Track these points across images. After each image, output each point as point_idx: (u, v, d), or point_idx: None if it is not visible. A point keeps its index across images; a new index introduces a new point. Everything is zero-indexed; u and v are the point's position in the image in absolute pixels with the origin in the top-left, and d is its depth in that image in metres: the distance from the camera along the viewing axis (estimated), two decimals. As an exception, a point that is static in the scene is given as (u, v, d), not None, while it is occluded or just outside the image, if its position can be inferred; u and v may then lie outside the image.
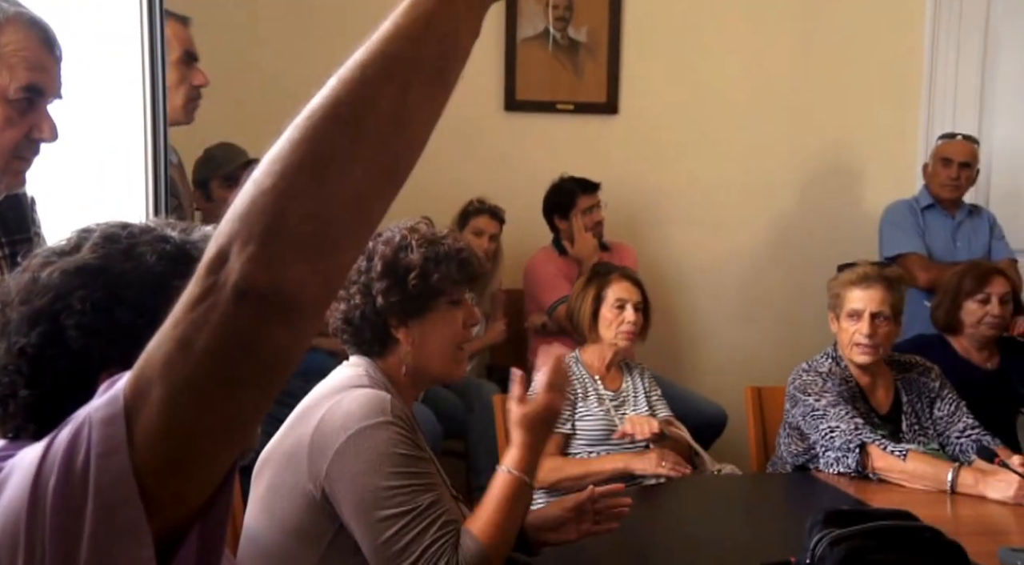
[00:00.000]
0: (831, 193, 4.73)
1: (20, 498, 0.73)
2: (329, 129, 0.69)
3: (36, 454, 0.75)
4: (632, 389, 2.98)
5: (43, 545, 0.72)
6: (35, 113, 1.60)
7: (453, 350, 1.76)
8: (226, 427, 0.74)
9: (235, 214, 0.69)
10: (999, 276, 3.28)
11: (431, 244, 1.70)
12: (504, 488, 1.65)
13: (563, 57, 4.50)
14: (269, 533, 1.63)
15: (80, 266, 0.91)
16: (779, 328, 4.57)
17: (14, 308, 0.91)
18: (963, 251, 4.08)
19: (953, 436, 2.78)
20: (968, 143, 4.13)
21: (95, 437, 0.72)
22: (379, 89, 0.70)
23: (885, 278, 2.82)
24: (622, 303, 2.94)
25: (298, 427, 1.63)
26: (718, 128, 4.62)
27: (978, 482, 2.44)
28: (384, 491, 1.54)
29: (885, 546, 1.40)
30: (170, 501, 0.74)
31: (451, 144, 4.08)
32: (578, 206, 4.15)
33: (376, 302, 1.67)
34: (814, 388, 2.74)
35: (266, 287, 0.68)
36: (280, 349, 0.71)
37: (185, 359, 0.70)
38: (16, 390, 0.89)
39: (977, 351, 3.27)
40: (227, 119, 3.66)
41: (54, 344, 0.89)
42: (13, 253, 1.70)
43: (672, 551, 2.19)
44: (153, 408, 0.71)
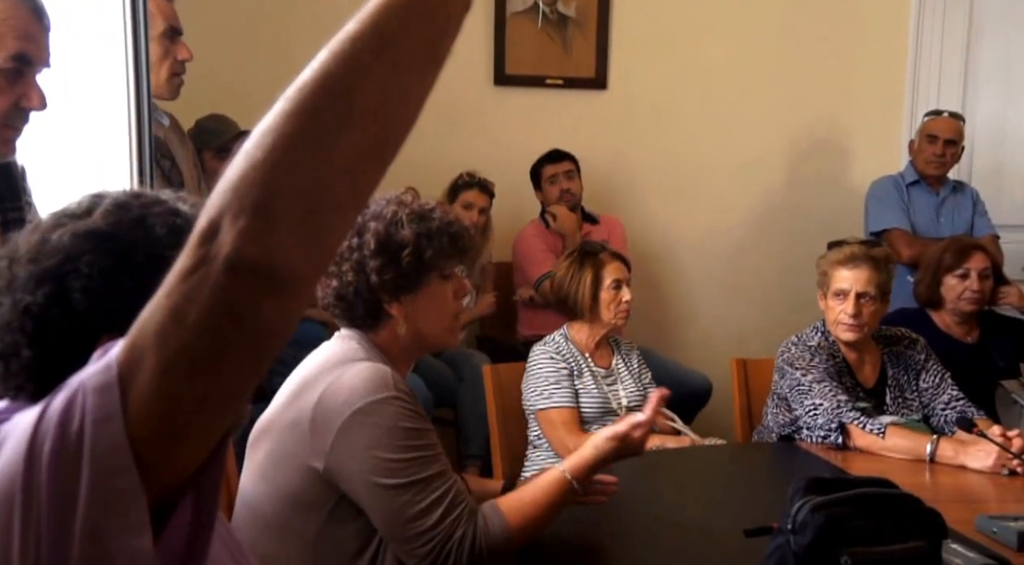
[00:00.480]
0: (817, 169, 4.75)
1: (16, 464, 0.74)
2: (320, 103, 0.68)
3: (31, 420, 0.75)
4: (623, 366, 3.00)
5: (39, 510, 0.73)
6: (24, 82, 1.59)
7: (448, 321, 1.77)
8: (218, 397, 0.74)
9: (226, 186, 0.69)
10: (978, 251, 3.30)
11: (422, 219, 1.70)
12: (555, 486, 1.68)
13: (552, 32, 4.48)
14: (267, 500, 1.63)
15: (91, 231, 0.90)
16: (764, 301, 4.59)
17: (22, 266, 0.90)
18: (946, 227, 4.10)
19: (938, 408, 2.81)
20: (954, 120, 4.13)
21: (90, 404, 0.72)
22: (370, 64, 0.69)
23: (872, 258, 2.82)
24: (618, 283, 2.96)
25: (299, 399, 1.62)
26: (705, 104, 4.62)
27: (958, 453, 2.47)
28: (394, 463, 1.54)
29: (864, 513, 1.42)
30: (164, 468, 0.74)
31: (441, 118, 4.06)
32: (544, 175, 4.17)
33: (370, 279, 1.67)
34: (801, 362, 2.77)
35: (257, 260, 0.68)
36: (271, 321, 0.71)
37: (177, 330, 0.70)
38: (19, 349, 0.89)
39: (958, 325, 3.30)
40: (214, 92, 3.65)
41: (59, 305, 0.88)
42: (5, 221, 1.69)
43: (657, 519, 2.20)
44: (146, 377, 0.71)
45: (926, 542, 1.45)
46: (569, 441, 2.65)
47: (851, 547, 1.39)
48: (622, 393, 2.92)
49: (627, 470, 2.23)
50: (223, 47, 3.97)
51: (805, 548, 1.39)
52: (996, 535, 1.92)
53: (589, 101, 4.55)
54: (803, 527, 1.40)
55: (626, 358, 3.04)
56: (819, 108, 4.70)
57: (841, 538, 1.39)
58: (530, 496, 1.65)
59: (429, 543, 1.52)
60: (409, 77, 0.71)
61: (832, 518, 1.40)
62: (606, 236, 4.25)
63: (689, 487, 2.43)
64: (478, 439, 3.66)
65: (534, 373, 2.88)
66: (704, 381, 3.85)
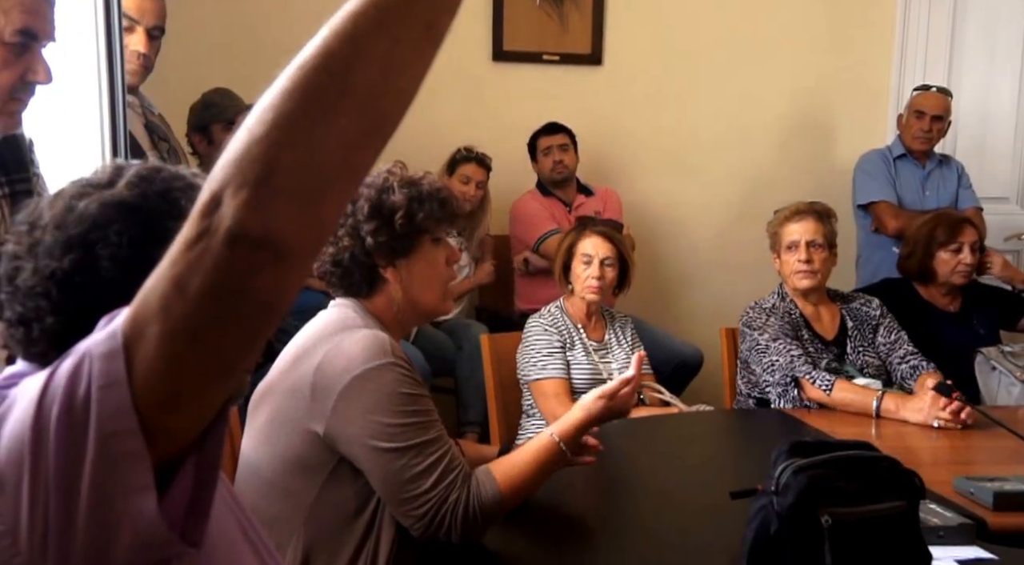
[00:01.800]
0: (805, 142, 4.74)
1: (24, 427, 0.74)
2: (320, 80, 0.68)
3: (38, 385, 0.75)
4: (615, 340, 2.99)
5: (47, 472, 0.73)
6: (30, 56, 1.58)
7: (441, 286, 1.77)
8: (219, 364, 0.74)
9: (228, 160, 0.69)
10: (969, 226, 3.30)
11: (412, 185, 1.70)
12: (544, 451, 1.68)
13: (549, 9, 4.45)
14: (269, 463, 1.64)
15: (119, 201, 0.90)
16: (753, 273, 4.57)
17: (47, 231, 0.90)
18: (932, 199, 4.09)
19: (895, 362, 2.89)
20: (942, 96, 4.11)
21: (96, 370, 0.73)
22: (370, 41, 0.69)
23: (815, 211, 2.96)
24: (589, 259, 2.92)
25: (298, 366, 1.62)
26: (697, 80, 4.60)
27: (899, 407, 2.58)
28: (391, 427, 1.54)
29: (845, 475, 1.43)
30: (167, 432, 0.75)
31: (440, 93, 4.05)
32: (539, 146, 4.17)
33: (365, 243, 1.67)
34: (758, 323, 2.86)
35: (258, 232, 0.68)
36: (271, 292, 0.71)
37: (180, 299, 0.70)
38: (42, 315, 0.89)
39: (943, 296, 3.30)
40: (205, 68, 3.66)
41: (85, 272, 0.88)
42: (13, 192, 1.68)
43: (644, 483, 2.22)
44: (150, 344, 0.72)
45: (905, 502, 1.46)
46: (559, 411, 2.63)
47: (832, 507, 1.40)
48: (614, 366, 2.91)
49: (614, 436, 2.25)
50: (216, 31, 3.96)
51: (788, 508, 1.41)
52: (973, 496, 1.94)
53: (585, 76, 4.53)
54: (786, 489, 1.42)
55: (619, 331, 3.02)
56: (807, 83, 4.68)
57: (822, 498, 1.40)
58: (521, 460, 1.66)
59: (424, 505, 1.54)
60: (408, 54, 0.71)
61: (814, 479, 1.41)
62: (601, 206, 4.25)
63: (675, 452, 2.45)
64: (476, 406, 3.68)
65: (528, 344, 2.89)
66: (695, 352, 3.86)
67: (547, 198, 4.21)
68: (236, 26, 4.13)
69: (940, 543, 1.66)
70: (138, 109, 2.56)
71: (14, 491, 0.74)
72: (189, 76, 3.55)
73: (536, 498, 1.86)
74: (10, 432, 0.75)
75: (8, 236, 0.95)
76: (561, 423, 1.74)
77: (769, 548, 1.44)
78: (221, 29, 4.11)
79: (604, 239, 2.97)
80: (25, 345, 0.91)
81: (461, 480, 1.57)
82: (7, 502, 0.74)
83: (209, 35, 4.01)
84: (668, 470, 2.35)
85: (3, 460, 0.75)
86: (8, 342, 0.93)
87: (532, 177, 4.29)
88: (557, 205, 4.21)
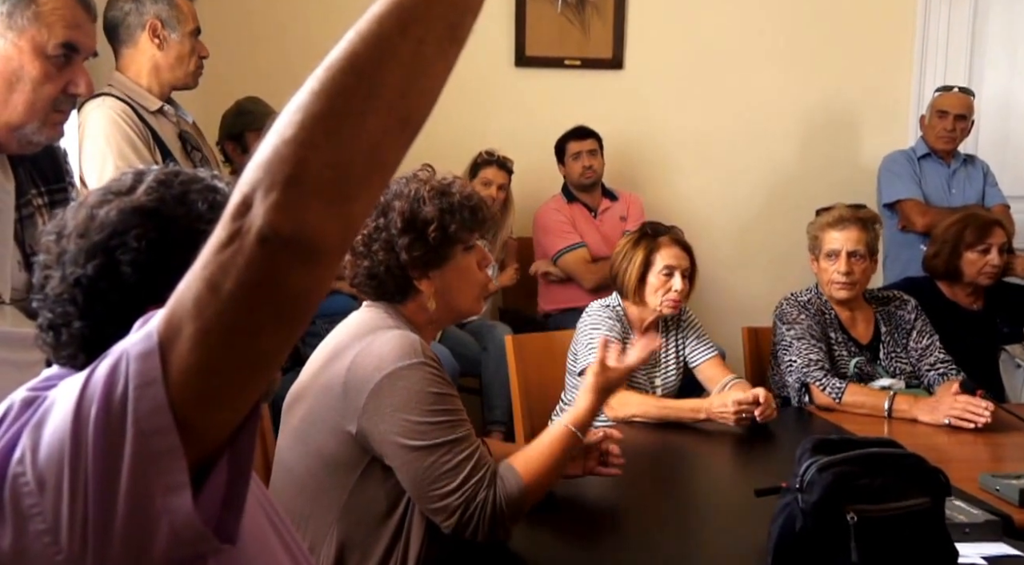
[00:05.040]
0: (826, 142, 4.70)
1: (64, 427, 0.75)
2: (347, 82, 0.69)
3: (77, 385, 0.76)
4: (664, 351, 2.81)
5: (86, 472, 0.74)
6: (71, 69, 1.62)
7: (476, 290, 1.77)
8: (253, 363, 0.75)
9: (258, 163, 0.70)
10: (998, 227, 3.26)
11: (443, 195, 1.70)
12: (560, 440, 1.69)
13: (571, 15, 4.45)
14: (303, 463, 1.65)
15: (136, 207, 0.92)
16: (774, 273, 4.56)
17: (71, 240, 0.92)
18: (958, 198, 4.06)
19: (924, 368, 2.85)
20: (964, 95, 4.07)
21: (132, 370, 0.74)
22: (395, 43, 0.69)
23: (860, 219, 2.88)
24: (671, 270, 2.70)
25: (331, 366, 1.63)
26: (718, 82, 4.58)
27: (911, 407, 2.56)
28: (421, 425, 1.54)
29: (870, 471, 1.41)
30: (202, 430, 0.75)
31: (463, 98, 4.06)
32: (568, 150, 4.16)
33: (400, 257, 1.67)
34: (789, 317, 2.83)
35: (288, 233, 0.68)
36: (302, 291, 0.72)
37: (213, 300, 0.70)
38: (70, 320, 0.91)
39: (967, 295, 3.27)
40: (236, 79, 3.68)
41: (108, 277, 0.90)
42: (52, 202, 1.71)
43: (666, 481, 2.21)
44: (185, 344, 0.72)
45: (930, 499, 1.44)
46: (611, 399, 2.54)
47: (857, 504, 1.39)
48: (658, 381, 2.78)
49: (638, 438, 2.25)
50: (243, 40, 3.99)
51: (813, 505, 1.40)
52: (999, 493, 1.93)
53: (606, 81, 4.52)
54: (811, 486, 1.41)
55: (672, 340, 2.84)
56: (828, 84, 4.65)
57: (847, 496, 1.39)
58: (539, 451, 1.66)
59: (454, 502, 1.54)
60: (433, 54, 0.71)
61: (839, 477, 1.40)
62: (625, 210, 4.24)
63: (697, 450, 2.43)
64: (501, 406, 3.68)
65: (589, 328, 2.70)
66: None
67: (572, 204, 4.20)
68: (266, 35, 4.16)
69: (966, 540, 1.65)
70: (172, 117, 2.59)
71: (55, 490, 0.75)
72: (220, 84, 3.57)
73: (560, 498, 1.86)
74: (50, 433, 0.76)
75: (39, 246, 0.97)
76: (572, 411, 1.75)
77: (795, 545, 1.43)
78: (251, 38, 4.14)
79: (682, 249, 2.75)
80: (55, 349, 0.93)
81: (489, 479, 1.57)
82: (48, 501, 0.75)
83: (240, 44, 4.04)
84: (690, 468, 2.34)
85: (44, 460, 0.75)
86: (41, 346, 0.95)
87: (554, 180, 4.28)
88: (582, 211, 4.19)
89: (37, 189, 1.71)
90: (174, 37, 2.50)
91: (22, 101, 1.59)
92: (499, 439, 3.44)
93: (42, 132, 1.63)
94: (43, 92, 1.59)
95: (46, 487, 0.75)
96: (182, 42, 2.51)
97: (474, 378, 3.88)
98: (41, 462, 0.75)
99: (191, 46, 2.53)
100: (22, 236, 1.64)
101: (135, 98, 2.47)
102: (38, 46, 1.57)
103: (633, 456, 1.91)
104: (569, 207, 4.19)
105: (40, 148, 1.68)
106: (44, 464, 0.75)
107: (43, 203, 1.71)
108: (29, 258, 1.59)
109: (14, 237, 1.63)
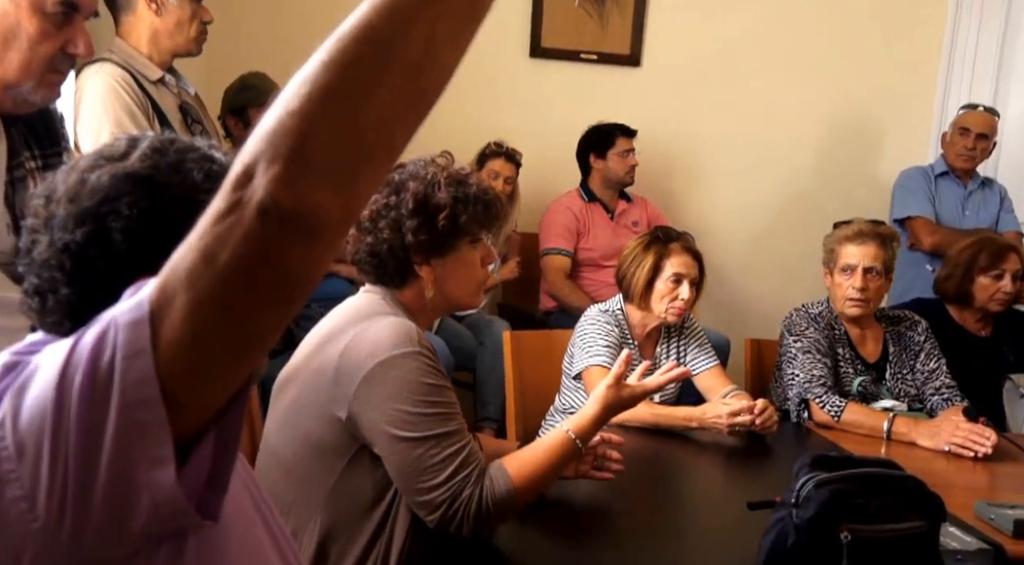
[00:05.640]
0: (844, 154, 4.69)
1: (47, 393, 0.74)
2: (360, 53, 0.68)
3: (63, 352, 0.75)
4: (664, 358, 2.80)
5: (68, 440, 0.73)
6: (71, 27, 1.59)
7: (474, 285, 1.77)
8: (244, 340, 0.74)
9: (262, 134, 0.69)
10: (1013, 253, 3.24)
11: (459, 184, 1.70)
12: (559, 446, 1.68)
13: (589, 7, 4.44)
14: (290, 447, 1.64)
15: (130, 173, 0.90)
16: (781, 283, 4.56)
17: (61, 205, 0.90)
18: (971, 219, 4.05)
19: (928, 392, 2.84)
20: (989, 115, 4.07)
21: (121, 339, 0.73)
22: (412, 16, 0.68)
23: (879, 235, 2.86)
24: (679, 278, 2.69)
25: (324, 350, 1.63)
26: (737, 87, 4.57)
27: (911, 430, 2.55)
28: (412, 416, 1.54)
29: (868, 491, 1.41)
30: (189, 405, 0.75)
31: (476, 87, 4.06)
32: (617, 146, 4.13)
33: (405, 238, 1.67)
34: (797, 329, 2.82)
35: (289, 207, 0.68)
36: (299, 268, 0.71)
37: (209, 271, 0.70)
38: (57, 286, 0.89)
39: (976, 321, 3.26)
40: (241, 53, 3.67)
41: (98, 245, 0.88)
42: (46, 165, 1.69)
43: (661, 491, 2.21)
44: (177, 315, 0.72)
45: (926, 524, 1.44)
46: None
47: (852, 523, 1.39)
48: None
49: (633, 444, 2.24)
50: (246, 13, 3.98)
51: (807, 521, 1.40)
52: (993, 521, 1.93)
53: (622, 77, 4.51)
54: (806, 502, 1.41)
55: (672, 346, 2.83)
56: (851, 93, 4.64)
57: (843, 514, 1.39)
58: (533, 455, 1.66)
59: (439, 497, 1.53)
60: (449, 31, 0.70)
61: (835, 494, 1.40)
62: (638, 215, 4.23)
63: (691, 461, 2.43)
64: (495, 402, 3.68)
65: (587, 331, 2.70)
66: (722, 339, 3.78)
67: (591, 203, 4.16)
68: (274, 7, 4.15)
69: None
70: (173, 88, 2.57)
71: (34, 457, 0.74)
72: (223, 58, 3.56)
73: (551, 501, 1.85)
74: (33, 398, 0.75)
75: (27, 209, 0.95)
76: (576, 418, 1.74)
77: (786, 561, 1.43)
78: (260, 12, 4.13)
79: (692, 257, 2.74)
80: (41, 315, 0.92)
81: (476, 476, 1.56)
82: (27, 467, 0.74)
83: (245, 16, 4.03)
84: (683, 477, 2.33)
85: (25, 426, 0.75)
86: (25, 312, 0.93)
87: (564, 175, 4.26)
88: (600, 212, 4.16)
89: (31, 152, 1.69)
90: (172, 2, 2.47)
91: (17, 59, 1.56)
92: (491, 435, 3.44)
93: (38, 92, 1.61)
94: (40, 50, 1.56)
95: (25, 453, 0.74)
96: (181, 6, 2.48)
97: (468, 372, 3.87)
98: (22, 427, 0.75)
99: (192, 10, 2.50)
100: (12, 199, 1.62)
101: (136, 66, 2.45)
102: (36, 2, 1.54)
103: (626, 462, 1.91)
104: (587, 206, 4.16)
105: (35, 109, 1.66)
106: (25, 429, 0.75)
107: (36, 166, 1.69)
108: (19, 221, 1.58)
109: (4, 199, 1.61)
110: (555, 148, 4.27)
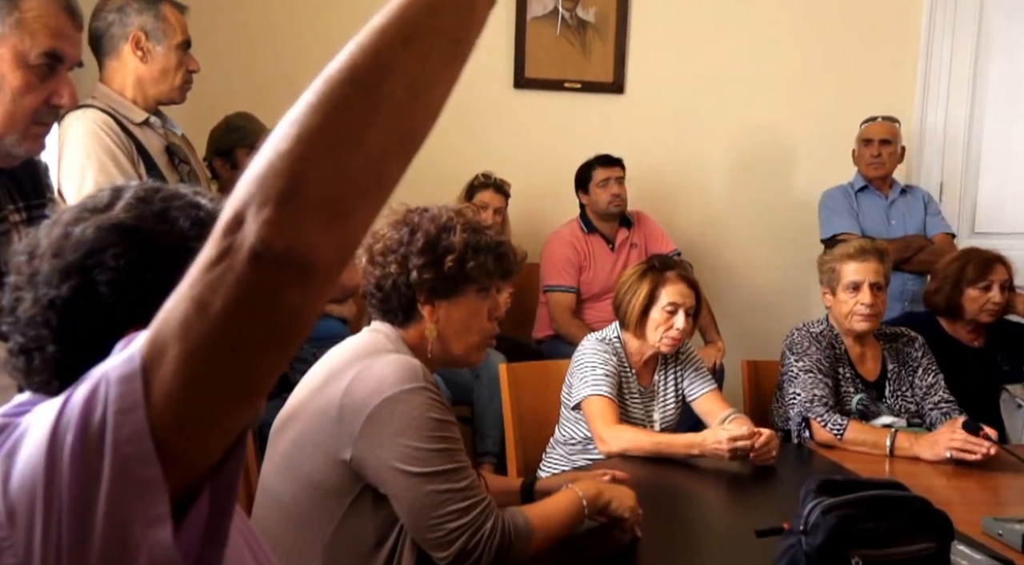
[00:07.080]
0: (828, 174, 4.68)
1: (38, 455, 0.72)
2: (347, 94, 0.67)
3: (52, 411, 0.73)
4: (662, 384, 2.78)
5: (61, 501, 0.71)
6: (55, 79, 1.57)
7: (477, 336, 1.75)
8: (240, 387, 0.72)
9: (251, 177, 0.67)
10: (1000, 264, 3.26)
11: (474, 232, 1.70)
12: (570, 505, 1.76)
13: (572, 37, 4.46)
14: (290, 489, 1.61)
15: (115, 223, 0.88)
16: (770, 305, 4.56)
17: (45, 260, 0.88)
18: (898, 228, 4.11)
19: (927, 407, 2.85)
20: (887, 123, 4.18)
21: (112, 394, 0.71)
22: (397, 56, 0.68)
23: (877, 251, 2.89)
24: (675, 308, 2.66)
25: (325, 389, 1.60)
26: (719, 110, 4.60)
27: (912, 445, 2.56)
28: (421, 452, 1.52)
29: (875, 514, 1.39)
30: (185, 459, 0.72)
31: (461, 119, 4.05)
32: (595, 178, 4.12)
33: (410, 275, 1.66)
34: (799, 348, 2.82)
35: (282, 250, 0.66)
36: (295, 311, 0.69)
37: (201, 320, 0.68)
38: (43, 344, 0.87)
39: (967, 333, 3.26)
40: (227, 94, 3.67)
41: (84, 299, 0.86)
42: (31, 217, 1.66)
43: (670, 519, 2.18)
44: (169, 367, 0.69)
45: (935, 543, 1.42)
46: (606, 433, 2.50)
47: (862, 548, 1.37)
48: (656, 416, 2.74)
49: (636, 473, 2.22)
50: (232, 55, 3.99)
51: (817, 549, 1.37)
52: (1001, 537, 1.91)
53: (606, 105, 4.53)
54: (815, 528, 1.38)
55: (670, 374, 2.80)
56: (829, 113, 4.65)
57: (852, 539, 1.37)
58: (551, 509, 1.72)
59: (456, 532, 1.51)
60: (435, 70, 0.70)
61: (843, 519, 1.38)
62: (638, 238, 4.20)
63: (695, 488, 2.40)
64: (493, 436, 3.64)
65: (585, 360, 2.67)
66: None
67: (590, 235, 4.13)
68: (260, 50, 4.16)
69: (970, 586, 1.62)
70: (159, 129, 2.55)
71: (27, 522, 0.71)
72: (210, 100, 3.56)
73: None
74: (23, 461, 0.73)
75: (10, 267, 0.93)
76: (588, 485, 1.81)
77: (797, 589, 1.40)
78: (245, 53, 4.14)
79: (688, 286, 2.70)
80: (27, 375, 0.89)
81: (493, 510, 1.56)
82: (20, 533, 0.71)
83: (231, 59, 4.03)
84: (688, 505, 2.30)
85: (15, 490, 0.72)
86: (11, 372, 0.91)
87: (553, 202, 4.26)
88: (600, 244, 4.13)
89: (15, 204, 1.66)
90: (159, 50, 2.45)
91: (1, 112, 1.54)
92: (490, 471, 3.40)
93: (22, 145, 1.58)
94: (24, 103, 1.54)
95: (17, 518, 0.71)
96: (167, 55, 2.46)
97: (466, 407, 3.84)
98: (12, 492, 0.72)
99: (178, 59, 2.48)
100: None
101: (119, 110, 2.43)
102: (20, 55, 1.52)
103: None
104: (586, 238, 4.13)
105: (19, 161, 1.64)
106: (16, 494, 0.72)
107: (21, 219, 1.65)
108: (3, 278, 1.55)
109: None
110: (543, 177, 4.27)
